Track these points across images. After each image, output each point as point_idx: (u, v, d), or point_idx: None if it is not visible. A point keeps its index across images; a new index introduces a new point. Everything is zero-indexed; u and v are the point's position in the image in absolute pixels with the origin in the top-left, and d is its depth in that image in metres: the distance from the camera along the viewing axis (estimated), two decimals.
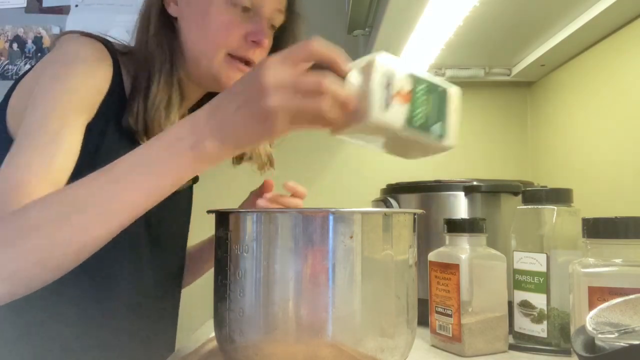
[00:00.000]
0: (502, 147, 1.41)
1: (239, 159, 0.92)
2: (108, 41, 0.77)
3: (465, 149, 1.40)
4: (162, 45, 0.76)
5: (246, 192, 0.96)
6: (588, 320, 0.44)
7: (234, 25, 0.75)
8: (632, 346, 0.38)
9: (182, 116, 0.86)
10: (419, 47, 1.13)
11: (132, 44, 0.81)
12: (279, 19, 0.82)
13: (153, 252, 0.84)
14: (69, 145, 0.66)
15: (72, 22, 1.47)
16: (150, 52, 0.76)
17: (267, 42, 0.79)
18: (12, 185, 0.60)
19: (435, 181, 0.98)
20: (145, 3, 0.80)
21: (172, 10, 0.78)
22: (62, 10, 1.50)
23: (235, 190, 0.95)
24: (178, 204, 0.89)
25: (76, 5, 1.49)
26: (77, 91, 0.69)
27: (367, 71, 0.52)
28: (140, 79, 0.75)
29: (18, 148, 0.63)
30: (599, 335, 0.42)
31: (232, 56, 0.76)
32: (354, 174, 1.38)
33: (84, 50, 0.73)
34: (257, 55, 0.78)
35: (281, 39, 0.84)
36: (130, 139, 0.75)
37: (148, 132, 0.75)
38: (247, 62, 0.78)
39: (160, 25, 0.77)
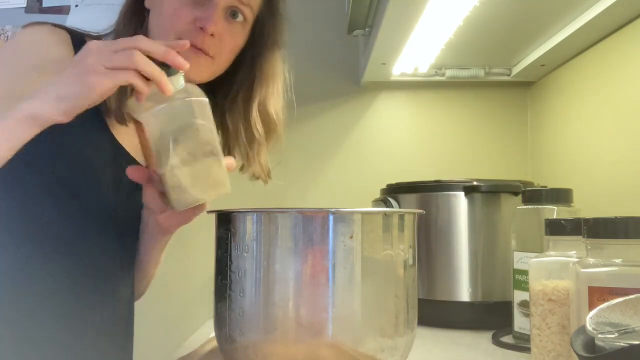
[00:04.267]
0: (502, 147, 1.41)
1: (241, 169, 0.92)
2: (71, 29, 0.80)
3: (465, 149, 1.39)
4: (129, 32, 0.79)
5: (247, 193, 0.96)
6: (588, 320, 0.44)
7: (183, 10, 0.77)
8: (632, 346, 0.38)
9: None
10: (419, 47, 1.13)
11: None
12: (245, 11, 0.81)
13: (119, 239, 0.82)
14: None
15: (72, 22, 1.47)
16: (118, 36, 0.79)
17: (218, 30, 0.78)
18: None
19: (435, 181, 0.98)
20: None
21: (146, 3, 0.81)
22: (62, 10, 1.50)
23: (235, 190, 0.95)
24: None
25: (76, 5, 1.49)
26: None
27: None
28: None
29: None
30: (599, 335, 0.42)
31: None
32: (354, 174, 1.38)
33: (40, 31, 0.76)
34: (208, 43, 0.77)
35: (258, 37, 0.85)
36: (100, 119, 0.78)
37: (111, 112, 0.77)
38: (200, 50, 0.78)
39: (133, 14, 0.81)
